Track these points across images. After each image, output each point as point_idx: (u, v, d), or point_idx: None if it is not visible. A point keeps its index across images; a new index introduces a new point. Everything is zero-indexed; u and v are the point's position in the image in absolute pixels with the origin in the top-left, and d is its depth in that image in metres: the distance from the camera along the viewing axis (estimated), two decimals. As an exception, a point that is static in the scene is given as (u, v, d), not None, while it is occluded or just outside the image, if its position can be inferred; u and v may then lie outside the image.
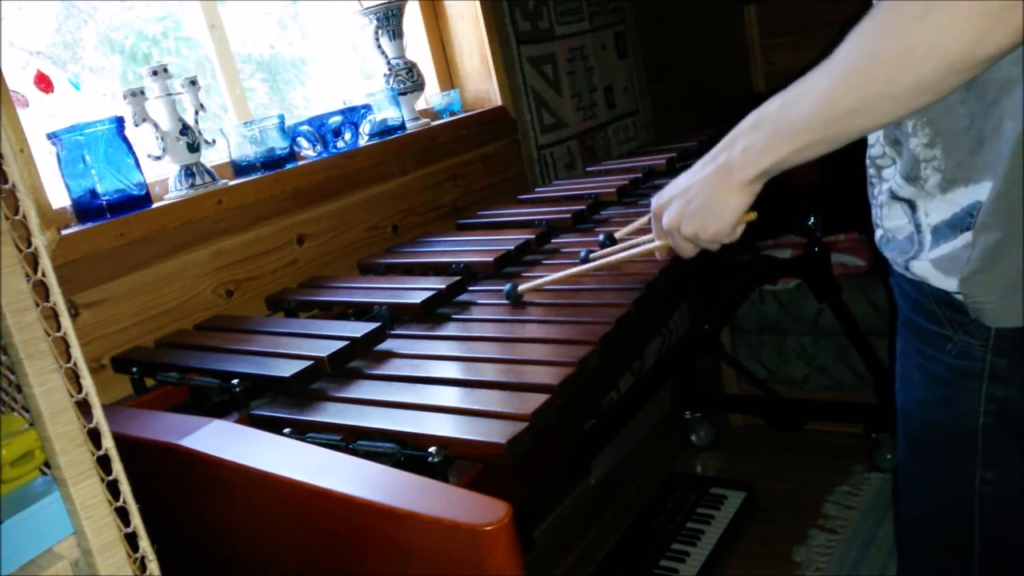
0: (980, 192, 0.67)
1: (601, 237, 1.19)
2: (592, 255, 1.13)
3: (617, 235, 1.19)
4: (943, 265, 0.72)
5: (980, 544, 0.79)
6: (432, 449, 0.72)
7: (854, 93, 0.65)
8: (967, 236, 0.69)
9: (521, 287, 1.09)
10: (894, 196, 0.77)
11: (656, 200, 0.93)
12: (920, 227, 0.74)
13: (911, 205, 0.75)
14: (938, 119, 0.70)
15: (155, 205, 1.21)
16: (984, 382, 0.72)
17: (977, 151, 0.67)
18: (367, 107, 1.53)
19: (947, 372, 0.75)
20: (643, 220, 1.13)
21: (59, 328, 0.63)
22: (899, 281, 0.81)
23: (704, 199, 0.87)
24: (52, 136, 1.12)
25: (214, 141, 1.34)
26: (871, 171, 0.80)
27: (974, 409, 0.74)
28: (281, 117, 1.38)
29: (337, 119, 1.47)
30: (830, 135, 0.70)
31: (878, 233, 0.80)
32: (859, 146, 0.86)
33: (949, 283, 0.71)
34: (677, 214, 0.89)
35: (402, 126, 1.61)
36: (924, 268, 0.74)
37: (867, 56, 0.64)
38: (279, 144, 1.37)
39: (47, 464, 0.64)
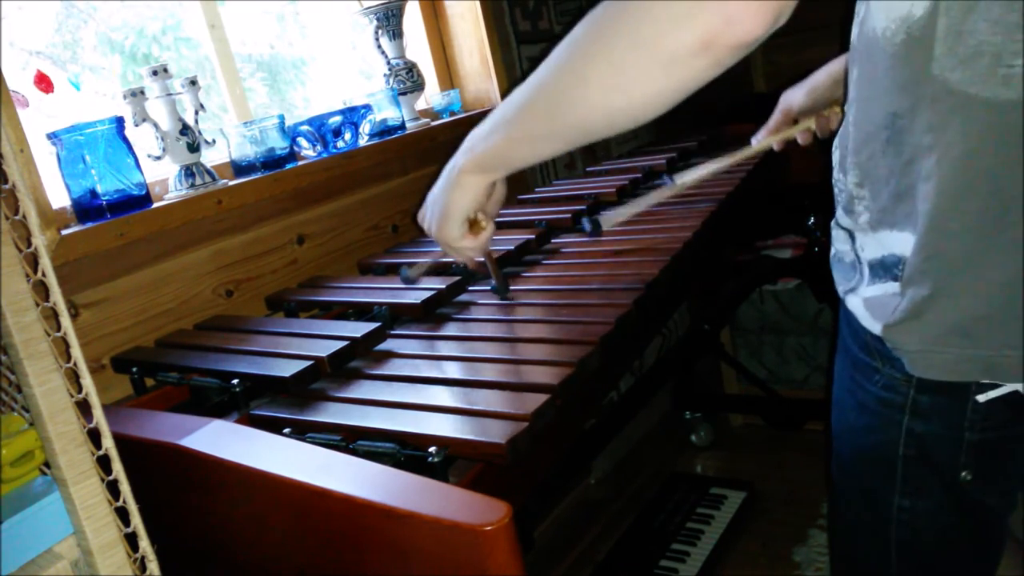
0: (904, 242, 0.67)
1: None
2: (676, 177, 1.13)
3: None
4: (872, 307, 0.72)
5: (897, 568, 0.81)
6: (432, 449, 0.72)
7: (558, 73, 0.67)
8: (896, 286, 0.69)
9: (603, 219, 1.10)
10: (838, 224, 0.78)
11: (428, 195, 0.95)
12: (860, 259, 0.74)
13: (851, 235, 0.75)
14: (864, 163, 0.70)
15: (155, 205, 1.21)
16: (906, 415, 0.73)
17: (897, 203, 0.67)
18: (367, 107, 1.53)
19: (873, 402, 0.76)
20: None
21: (59, 328, 0.63)
22: (842, 305, 0.82)
23: (436, 195, 0.88)
24: (52, 136, 1.12)
25: (214, 141, 1.33)
26: (835, 190, 0.80)
27: (895, 439, 0.75)
28: (281, 117, 1.38)
29: (337, 119, 1.47)
30: (537, 127, 0.72)
31: (832, 251, 0.80)
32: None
33: (874, 326, 0.72)
34: (423, 210, 0.91)
35: (402, 126, 1.61)
36: (856, 305, 0.75)
37: (568, 42, 0.66)
38: (279, 144, 1.37)
39: (47, 464, 0.64)
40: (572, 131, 0.72)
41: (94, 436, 0.64)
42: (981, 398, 0.68)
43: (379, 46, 1.65)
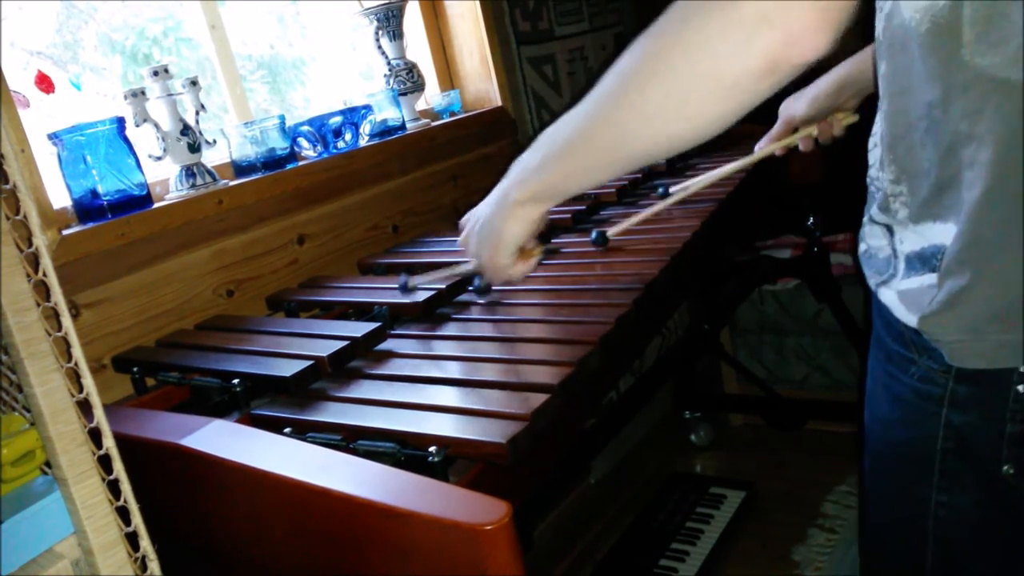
0: (947, 232, 0.67)
1: (594, 235, 1.19)
2: (671, 188, 1.13)
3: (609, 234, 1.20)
4: (907, 299, 0.72)
5: (932, 565, 0.79)
6: (432, 449, 0.72)
7: (611, 107, 0.67)
8: (933, 278, 0.68)
9: (609, 232, 1.11)
10: (873, 220, 0.77)
11: (466, 217, 0.94)
12: (896, 252, 0.74)
13: (889, 230, 0.75)
14: (901, 158, 0.70)
15: (156, 205, 1.21)
16: (944, 407, 0.72)
17: (939, 195, 0.67)
18: (367, 107, 1.53)
19: (909, 394, 0.75)
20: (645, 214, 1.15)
21: (60, 328, 0.63)
22: (876, 299, 0.81)
23: (484, 221, 0.88)
24: (53, 136, 1.12)
25: (215, 141, 1.34)
26: (870, 188, 0.80)
27: (933, 433, 0.74)
28: (281, 117, 1.38)
29: (337, 119, 1.47)
30: (594, 160, 0.71)
31: (862, 247, 0.80)
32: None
33: (910, 318, 0.71)
34: (467, 234, 0.91)
35: (402, 126, 1.61)
36: (891, 298, 0.74)
37: (627, 67, 0.65)
38: (280, 144, 1.37)
39: (48, 464, 0.64)
40: (632, 161, 0.72)
41: (95, 436, 0.64)
42: (1023, 388, 0.67)
43: (379, 46, 1.65)
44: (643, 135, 0.67)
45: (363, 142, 1.52)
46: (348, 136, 1.49)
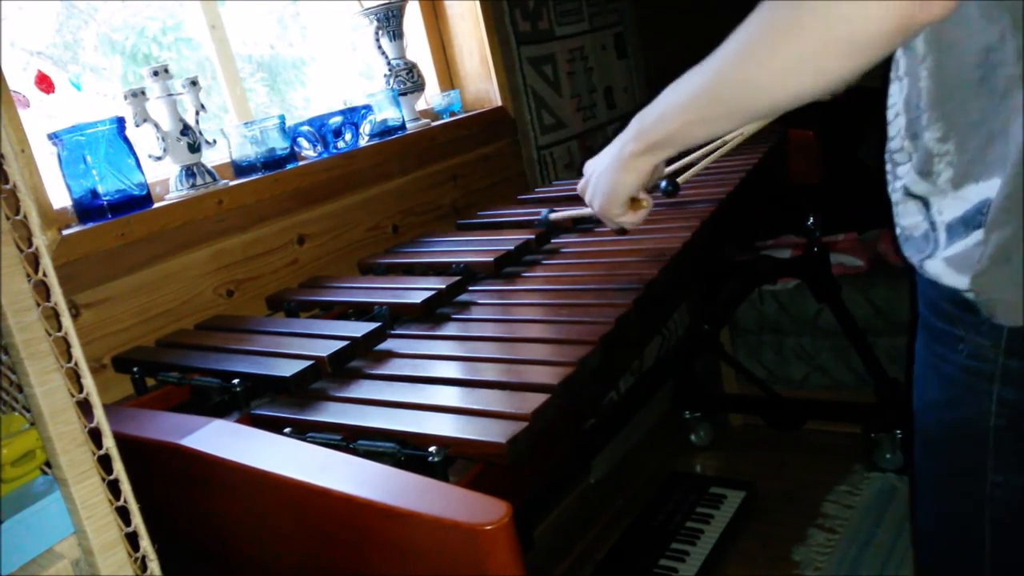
0: (990, 189, 0.67)
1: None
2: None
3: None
4: (956, 263, 0.71)
5: (991, 547, 0.78)
6: (432, 449, 0.72)
7: (739, 63, 0.68)
8: (979, 234, 0.68)
9: (679, 179, 1.14)
10: (908, 193, 0.77)
11: (587, 166, 0.98)
12: (935, 224, 0.74)
13: (925, 203, 0.75)
14: (952, 113, 0.70)
15: (156, 205, 1.21)
16: (996, 384, 0.71)
17: (988, 147, 0.67)
18: (367, 107, 1.53)
19: (959, 373, 0.75)
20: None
21: (60, 328, 0.63)
22: (918, 279, 0.81)
23: (600, 172, 0.92)
24: (53, 136, 1.12)
25: (215, 141, 1.34)
26: (888, 166, 0.81)
27: (985, 411, 0.73)
28: (281, 117, 1.38)
29: (337, 119, 1.47)
30: (717, 112, 0.73)
31: (896, 230, 0.80)
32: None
33: (961, 280, 0.71)
34: (585, 182, 0.96)
35: (402, 126, 1.61)
36: (937, 267, 0.73)
37: (755, 28, 0.66)
38: (280, 144, 1.37)
39: (48, 464, 0.64)
40: (754, 114, 0.73)
41: (95, 436, 0.64)
42: None
43: (379, 47, 1.65)
44: (769, 90, 0.68)
45: (363, 142, 1.52)
46: (348, 136, 1.49)
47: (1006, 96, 0.65)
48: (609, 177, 0.90)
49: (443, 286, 1.12)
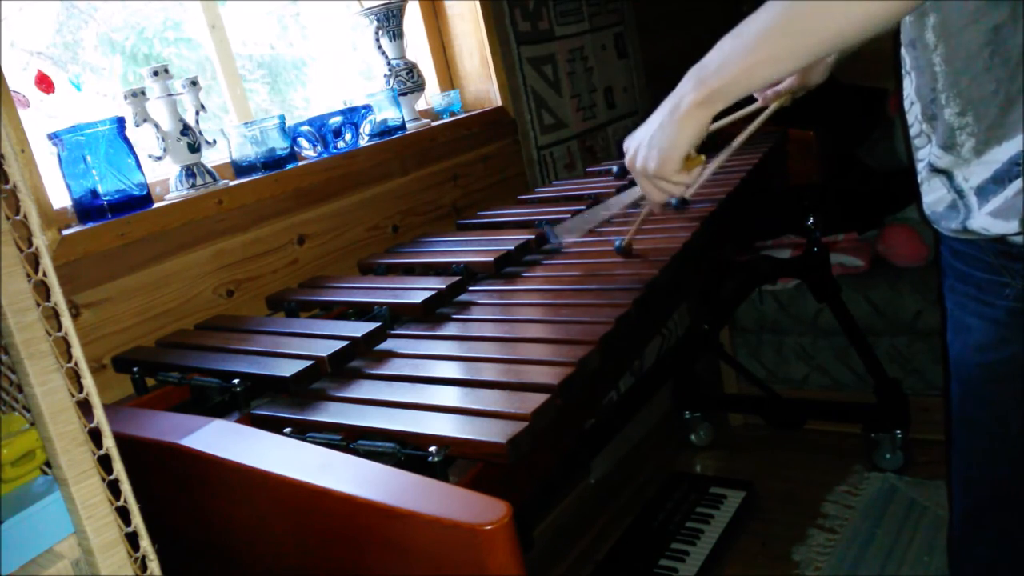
0: (1015, 146, 0.74)
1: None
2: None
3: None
4: (1001, 213, 0.77)
5: None
6: (432, 449, 0.72)
7: (807, 4, 0.71)
8: (1017, 184, 0.75)
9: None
10: (933, 169, 0.83)
11: (627, 142, 0.96)
12: (962, 192, 0.80)
13: (949, 176, 0.81)
14: (966, 90, 0.76)
15: (156, 205, 1.21)
16: None
17: (1007, 111, 0.74)
18: (367, 107, 1.53)
19: (1005, 315, 0.81)
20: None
21: (60, 328, 0.63)
22: (952, 244, 0.86)
23: (654, 131, 0.89)
24: (53, 136, 1.12)
25: (215, 141, 1.34)
26: (916, 141, 0.86)
27: None
28: (282, 117, 1.38)
29: (338, 119, 1.47)
30: (786, 47, 0.74)
31: (924, 208, 0.86)
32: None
33: (1010, 226, 0.77)
34: (634, 150, 0.92)
35: (402, 126, 1.61)
36: (983, 221, 0.79)
37: None
38: (280, 144, 1.37)
39: (48, 464, 0.64)
40: (822, 47, 0.74)
41: (95, 436, 0.64)
42: None
43: (379, 47, 1.65)
44: (843, 16, 0.70)
45: (363, 142, 1.52)
46: (348, 136, 1.49)
47: (1020, 67, 0.71)
48: (665, 133, 0.87)
49: (443, 286, 1.12)
